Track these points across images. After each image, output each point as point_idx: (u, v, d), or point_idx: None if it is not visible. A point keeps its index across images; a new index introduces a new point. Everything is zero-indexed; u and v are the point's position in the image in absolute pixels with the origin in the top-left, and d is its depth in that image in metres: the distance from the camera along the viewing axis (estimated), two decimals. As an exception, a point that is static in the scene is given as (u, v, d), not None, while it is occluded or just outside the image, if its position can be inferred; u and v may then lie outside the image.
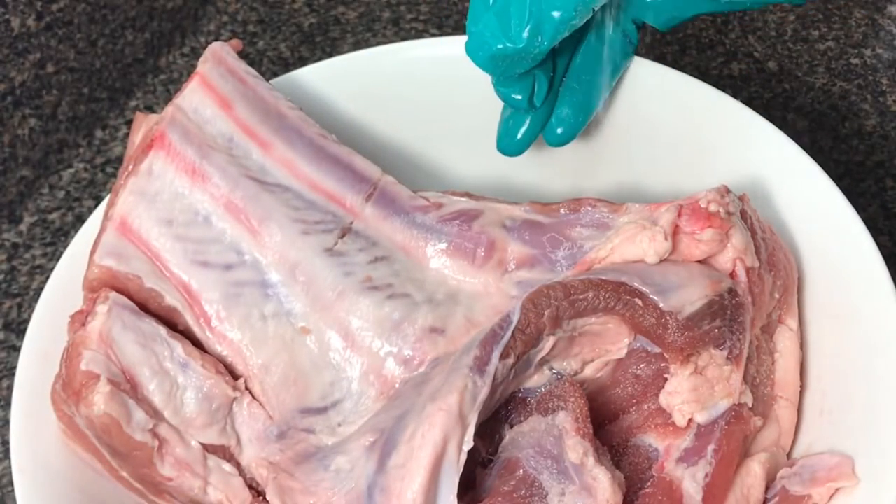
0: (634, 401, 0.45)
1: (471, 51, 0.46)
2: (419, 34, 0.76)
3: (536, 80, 0.49)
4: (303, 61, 0.74)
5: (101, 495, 0.45)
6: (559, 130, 0.51)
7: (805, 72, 0.71)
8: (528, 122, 0.51)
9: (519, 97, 0.49)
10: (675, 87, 0.53)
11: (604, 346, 0.45)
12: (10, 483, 0.54)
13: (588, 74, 0.51)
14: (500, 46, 0.45)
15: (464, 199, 0.49)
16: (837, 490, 0.42)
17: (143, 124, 0.48)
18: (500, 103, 0.52)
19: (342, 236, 0.47)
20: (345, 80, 0.56)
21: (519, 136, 0.51)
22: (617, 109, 0.54)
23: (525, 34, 0.44)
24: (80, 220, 0.66)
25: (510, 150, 0.52)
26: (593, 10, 0.45)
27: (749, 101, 0.67)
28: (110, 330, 0.43)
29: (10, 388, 0.52)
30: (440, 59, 0.56)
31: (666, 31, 0.53)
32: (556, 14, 0.44)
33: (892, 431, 0.41)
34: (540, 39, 0.45)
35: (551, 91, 0.50)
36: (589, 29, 0.51)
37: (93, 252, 0.45)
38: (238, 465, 0.44)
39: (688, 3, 0.51)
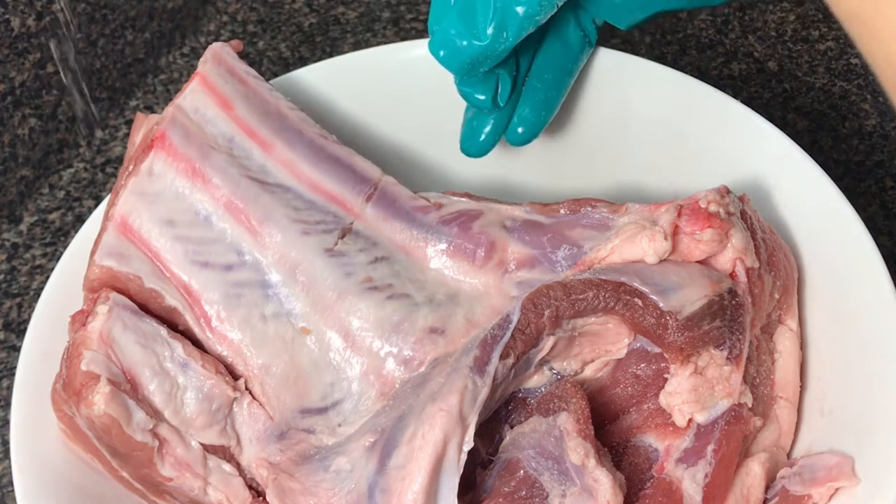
0: (634, 401, 0.45)
1: (434, 49, 0.46)
2: (419, 34, 0.76)
3: (500, 79, 0.49)
4: (303, 61, 0.74)
5: (102, 495, 0.45)
6: (520, 130, 0.51)
7: (805, 72, 0.71)
8: (491, 122, 0.51)
9: (482, 97, 0.49)
10: (675, 87, 0.53)
11: (604, 346, 0.45)
12: (10, 483, 0.54)
13: (549, 73, 0.51)
14: (464, 43, 0.45)
15: (464, 199, 0.49)
16: (837, 490, 0.42)
17: (144, 124, 0.48)
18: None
19: (342, 237, 0.47)
20: (345, 80, 0.56)
21: (483, 136, 0.51)
22: (617, 109, 0.54)
23: (490, 31, 0.44)
24: (80, 220, 0.66)
25: (474, 150, 0.52)
26: (557, 6, 0.45)
27: (749, 101, 0.67)
28: (111, 330, 0.43)
29: (10, 388, 0.52)
30: (440, 59, 0.56)
31: (626, 30, 0.52)
32: (520, 10, 0.44)
33: (892, 431, 0.41)
34: (505, 36, 0.45)
35: (514, 91, 0.50)
36: (550, 28, 0.51)
37: (93, 252, 0.45)
38: (238, 466, 0.44)
39: (647, 2, 0.51)
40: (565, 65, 0.52)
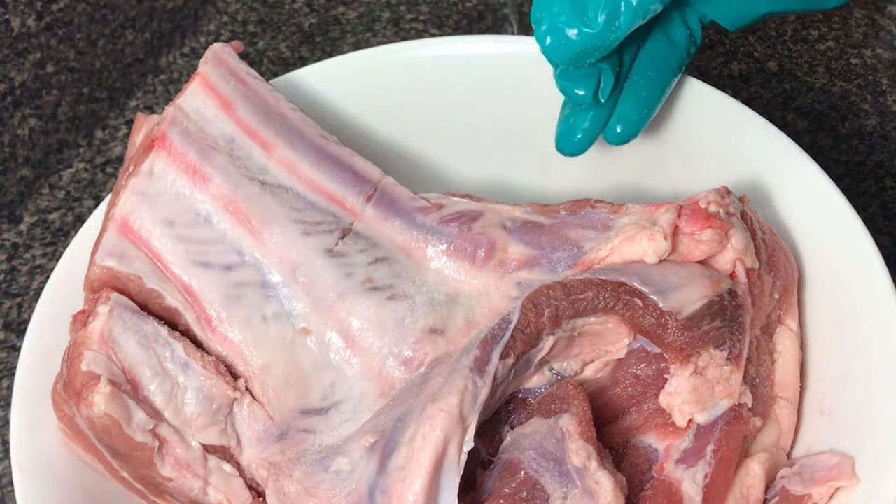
0: (634, 401, 0.45)
1: (541, 37, 0.44)
2: (419, 34, 0.76)
3: (602, 74, 0.47)
4: (303, 61, 0.74)
5: (102, 495, 0.45)
6: (619, 129, 0.49)
7: (805, 72, 0.71)
8: (589, 119, 0.49)
9: (582, 92, 0.47)
10: (675, 87, 0.53)
11: (604, 347, 0.45)
12: (10, 483, 0.54)
13: (653, 70, 0.49)
14: (574, 32, 0.43)
15: (464, 200, 0.49)
16: (837, 490, 0.42)
17: (144, 125, 0.48)
18: (500, 105, 0.52)
19: (343, 237, 0.47)
20: (345, 80, 0.56)
21: (580, 134, 0.49)
22: (617, 110, 0.54)
23: (601, 18, 0.43)
24: (80, 220, 0.66)
25: (570, 149, 0.50)
26: None
27: (749, 101, 0.67)
28: (111, 330, 0.43)
29: (10, 388, 0.52)
30: (440, 59, 0.56)
31: (734, 31, 0.51)
32: None
33: (892, 431, 0.41)
34: (617, 24, 0.43)
35: (616, 87, 0.48)
36: (655, 25, 0.50)
37: (94, 252, 0.45)
38: (238, 466, 0.44)
39: (757, 2, 0.50)
40: (669, 63, 0.50)
